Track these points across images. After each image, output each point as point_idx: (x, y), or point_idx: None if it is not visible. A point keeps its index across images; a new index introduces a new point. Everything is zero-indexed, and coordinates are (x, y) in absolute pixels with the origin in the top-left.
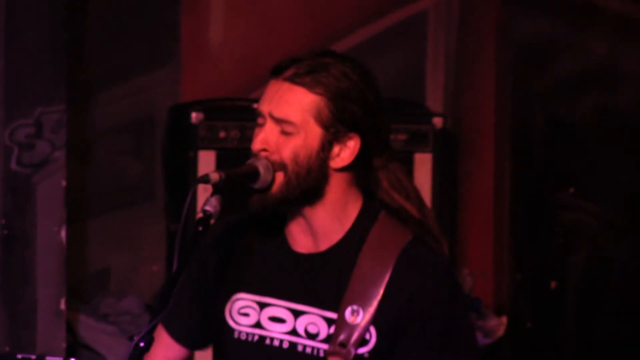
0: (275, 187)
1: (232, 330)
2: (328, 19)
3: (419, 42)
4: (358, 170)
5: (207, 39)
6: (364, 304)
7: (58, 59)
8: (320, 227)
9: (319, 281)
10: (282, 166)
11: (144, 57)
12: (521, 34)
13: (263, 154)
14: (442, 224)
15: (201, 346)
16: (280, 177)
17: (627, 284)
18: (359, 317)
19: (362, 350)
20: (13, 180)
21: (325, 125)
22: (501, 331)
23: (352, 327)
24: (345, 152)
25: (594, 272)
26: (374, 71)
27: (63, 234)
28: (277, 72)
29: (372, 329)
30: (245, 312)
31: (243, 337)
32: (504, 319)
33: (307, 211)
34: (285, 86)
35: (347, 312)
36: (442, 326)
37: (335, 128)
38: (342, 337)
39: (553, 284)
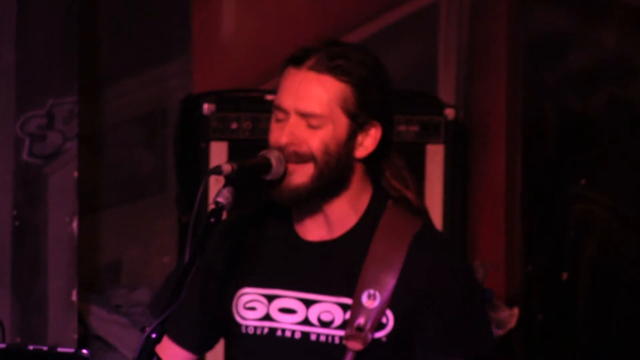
0: (307, 178)
1: (239, 325)
2: (340, 10)
3: (430, 33)
4: (373, 158)
5: (219, 30)
6: (379, 288)
7: (70, 50)
8: (336, 217)
9: (331, 268)
10: (311, 157)
11: (156, 48)
12: (533, 26)
13: (291, 148)
14: (454, 215)
15: (206, 348)
16: (310, 168)
17: (638, 275)
18: (376, 301)
19: (380, 334)
20: (24, 171)
21: (351, 114)
22: (512, 323)
23: (369, 311)
24: (368, 140)
25: (606, 264)
26: (386, 63)
27: (75, 225)
28: (297, 61)
29: (389, 313)
30: (252, 306)
31: (251, 331)
32: (516, 311)
33: (327, 201)
34: (311, 75)
35: (364, 297)
36: (460, 305)
37: (360, 116)
38: (359, 321)
39: (564, 276)
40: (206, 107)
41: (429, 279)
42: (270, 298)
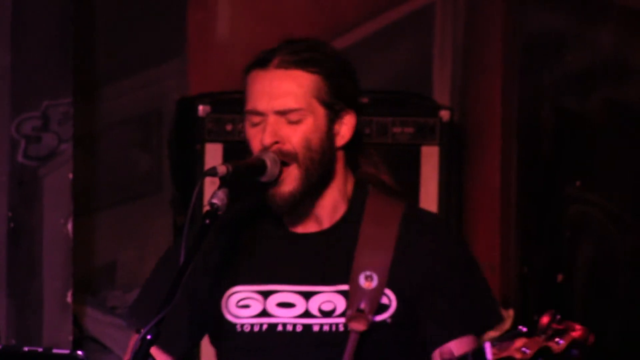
0: (294, 181)
1: (232, 324)
2: (335, 11)
3: (426, 35)
4: (350, 147)
5: (215, 31)
6: (376, 268)
7: (65, 52)
8: (326, 208)
9: (326, 258)
10: (294, 157)
11: (151, 50)
12: (529, 27)
13: (275, 146)
14: (449, 216)
15: (190, 353)
16: (294, 169)
17: (634, 277)
18: (373, 282)
19: (384, 316)
20: (20, 173)
21: (326, 104)
22: (508, 324)
23: (368, 293)
24: (345, 128)
25: (601, 265)
26: (382, 64)
27: (70, 226)
28: (262, 64)
29: (390, 293)
30: (246, 304)
31: (247, 329)
32: (511, 312)
33: (319, 195)
34: (280, 73)
35: (361, 279)
36: (465, 280)
37: (335, 104)
38: (359, 303)
39: (560, 277)
40: (201, 109)
41: (431, 257)
42: (266, 294)
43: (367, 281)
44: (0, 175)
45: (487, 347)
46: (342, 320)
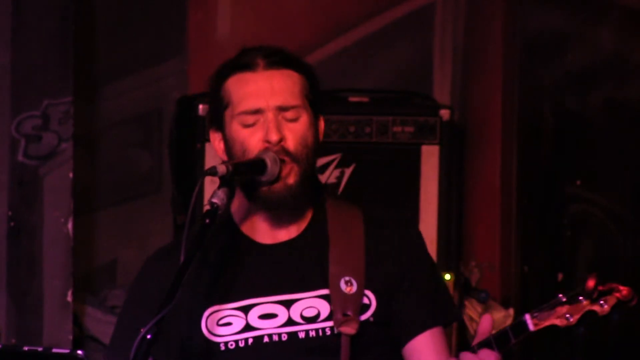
0: (295, 175)
1: (216, 344)
2: (336, 11)
3: (426, 34)
4: None
5: (215, 30)
6: (353, 273)
7: (66, 51)
8: (297, 214)
9: (301, 265)
10: (294, 155)
11: (151, 49)
12: (529, 26)
13: (279, 145)
14: (449, 216)
15: None
16: (294, 166)
17: (634, 276)
18: (353, 286)
19: (366, 315)
20: (20, 172)
21: (312, 102)
22: (508, 324)
23: (350, 297)
24: (321, 128)
25: (601, 264)
26: (383, 63)
27: (70, 226)
28: (248, 67)
29: (370, 294)
30: (227, 322)
31: (232, 345)
32: (511, 311)
33: (304, 196)
34: (274, 72)
35: (342, 284)
36: (430, 276)
37: (317, 103)
38: (344, 308)
39: (560, 277)
40: (201, 108)
41: (398, 254)
42: (247, 309)
43: (348, 286)
44: (0, 174)
45: (528, 318)
46: (328, 324)
